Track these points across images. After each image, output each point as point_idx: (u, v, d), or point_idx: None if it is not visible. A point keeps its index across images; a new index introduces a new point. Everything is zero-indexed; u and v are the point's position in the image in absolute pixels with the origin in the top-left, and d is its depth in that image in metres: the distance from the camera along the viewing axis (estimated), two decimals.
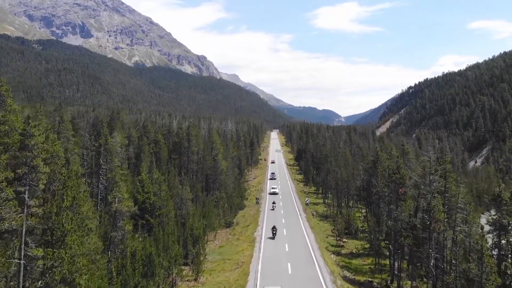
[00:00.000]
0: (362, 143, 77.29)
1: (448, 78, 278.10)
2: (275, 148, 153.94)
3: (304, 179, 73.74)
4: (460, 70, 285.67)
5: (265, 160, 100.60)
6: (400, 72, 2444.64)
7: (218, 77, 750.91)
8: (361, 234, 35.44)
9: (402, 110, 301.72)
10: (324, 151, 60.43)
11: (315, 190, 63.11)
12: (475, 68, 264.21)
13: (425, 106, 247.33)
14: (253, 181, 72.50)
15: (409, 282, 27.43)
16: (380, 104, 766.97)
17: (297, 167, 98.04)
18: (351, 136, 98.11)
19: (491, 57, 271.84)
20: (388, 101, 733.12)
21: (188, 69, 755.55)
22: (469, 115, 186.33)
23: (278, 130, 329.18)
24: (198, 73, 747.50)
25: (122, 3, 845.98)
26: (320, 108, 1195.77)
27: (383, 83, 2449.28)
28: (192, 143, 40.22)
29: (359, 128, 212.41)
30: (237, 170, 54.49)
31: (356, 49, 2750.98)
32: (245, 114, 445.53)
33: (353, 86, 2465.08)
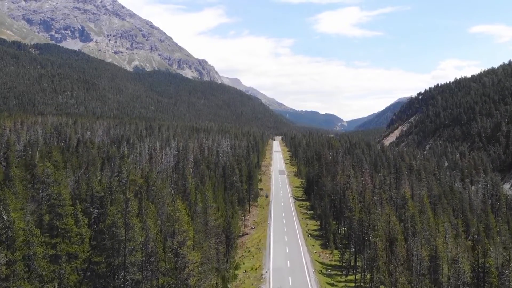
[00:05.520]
0: (398, 181, 58.65)
1: (462, 84, 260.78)
2: (278, 168, 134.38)
3: (321, 232, 54.47)
4: (474, 75, 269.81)
5: (266, 196, 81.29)
6: (401, 76, 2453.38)
7: (219, 82, 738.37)
8: None
9: (412, 118, 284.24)
10: (354, 209, 41.84)
11: (339, 258, 43.31)
12: (491, 73, 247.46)
13: (439, 115, 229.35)
14: (250, 236, 53.55)
15: None
16: (384, 108, 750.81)
17: (307, 202, 78.89)
18: (376, 166, 78.59)
19: (507, 62, 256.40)
20: (391, 105, 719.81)
21: (188, 73, 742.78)
22: (493, 127, 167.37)
23: (280, 138, 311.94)
24: (199, 77, 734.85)
25: (123, 7, 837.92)
26: (322, 112, 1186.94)
27: (385, 87, 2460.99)
28: (133, 229, 22.17)
29: (371, 141, 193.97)
30: (222, 244, 35.54)
31: (357, 53, 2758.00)
32: (246, 120, 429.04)
33: (355, 90, 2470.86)
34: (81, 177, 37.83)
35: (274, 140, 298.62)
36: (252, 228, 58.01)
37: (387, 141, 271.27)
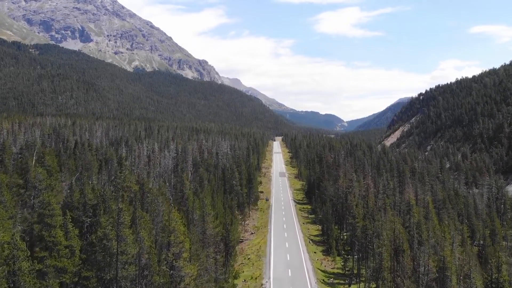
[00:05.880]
0: (401, 186, 57.11)
1: (463, 85, 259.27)
2: (278, 170, 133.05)
3: (322, 238, 53.00)
4: (475, 76, 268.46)
5: (266, 200, 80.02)
6: (402, 76, 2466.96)
7: (219, 82, 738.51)
8: None
9: (413, 119, 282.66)
10: (358, 215, 40.54)
11: (341, 266, 41.93)
12: (492, 74, 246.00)
13: (440, 116, 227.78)
14: (250, 242, 51.97)
15: None
16: (384, 108, 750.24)
17: (308, 206, 77.43)
18: (379, 169, 76.86)
19: (508, 63, 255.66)
20: (391, 105, 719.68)
21: (189, 73, 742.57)
22: (496, 129, 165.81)
23: (281, 139, 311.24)
24: (199, 77, 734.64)
25: (123, 7, 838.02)
26: (322, 112, 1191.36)
27: (385, 87, 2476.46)
28: (126, 242, 21.01)
29: (372, 142, 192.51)
30: (221, 253, 34.21)
31: (358, 54, 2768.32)
32: (247, 120, 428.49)
33: (355, 90, 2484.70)
34: (75, 182, 36.54)
35: (275, 141, 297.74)
36: (252, 233, 56.62)
37: (388, 142, 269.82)
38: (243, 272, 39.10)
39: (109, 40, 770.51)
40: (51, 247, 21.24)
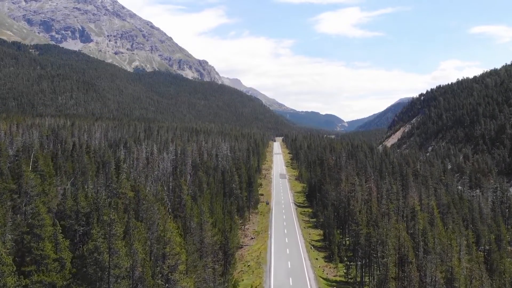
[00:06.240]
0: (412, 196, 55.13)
1: (464, 85, 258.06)
2: (279, 171, 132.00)
3: (324, 243, 51.86)
4: (476, 76, 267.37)
5: (267, 203, 78.98)
6: (402, 76, 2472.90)
7: (219, 82, 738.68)
8: None
9: (414, 119, 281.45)
10: (361, 222, 39.32)
11: (344, 273, 40.74)
12: (493, 74, 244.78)
13: (441, 116, 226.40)
14: (250, 248, 50.71)
15: None
16: (384, 109, 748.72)
17: (309, 209, 76.36)
18: (381, 172, 75.46)
19: (509, 63, 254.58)
20: (392, 106, 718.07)
21: (189, 74, 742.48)
22: (498, 130, 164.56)
23: (281, 139, 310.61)
24: (199, 78, 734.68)
25: (123, 8, 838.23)
26: (322, 112, 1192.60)
27: (385, 88, 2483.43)
28: (118, 255, 20.04)
29: (373, 143, 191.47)
30: (220, 262, 33.05)
31: (358, 54, 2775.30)
32: (247, 121, 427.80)
33: (355, 90, 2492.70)
34: (70, 187, 35.44)
35: (275, 141, 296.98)
36: (252, 238, 55.49)
37: (388, 143, 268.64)
38: (242, 280, 37.97)
39: (109, 40, 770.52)
40: (39, 261, 20.16)
